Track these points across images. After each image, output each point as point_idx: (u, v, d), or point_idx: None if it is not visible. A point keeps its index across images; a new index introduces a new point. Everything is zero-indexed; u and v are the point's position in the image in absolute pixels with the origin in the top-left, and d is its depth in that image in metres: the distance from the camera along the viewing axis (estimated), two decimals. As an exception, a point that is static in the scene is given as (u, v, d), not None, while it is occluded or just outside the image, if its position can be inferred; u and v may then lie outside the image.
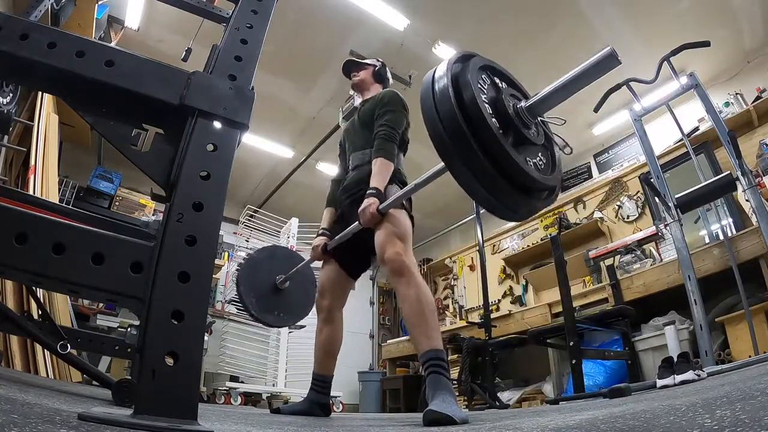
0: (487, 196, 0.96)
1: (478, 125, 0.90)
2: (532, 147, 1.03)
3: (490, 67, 1.08)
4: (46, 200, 2.18)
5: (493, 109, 0.97)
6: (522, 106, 1.01)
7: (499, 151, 0.90)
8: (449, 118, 0.91)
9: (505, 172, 0.91)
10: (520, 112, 1.00)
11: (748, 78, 4.23)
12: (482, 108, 0.91)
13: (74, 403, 0.90)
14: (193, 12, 1.46)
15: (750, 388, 0.82)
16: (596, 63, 0.91)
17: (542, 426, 0.81)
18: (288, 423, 1.35)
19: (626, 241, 3.65)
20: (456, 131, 0.91)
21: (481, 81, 1.01)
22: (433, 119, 0.95)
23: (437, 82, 0.98)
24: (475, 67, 1.01)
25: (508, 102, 0.99)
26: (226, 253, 5.50)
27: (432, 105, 0.96)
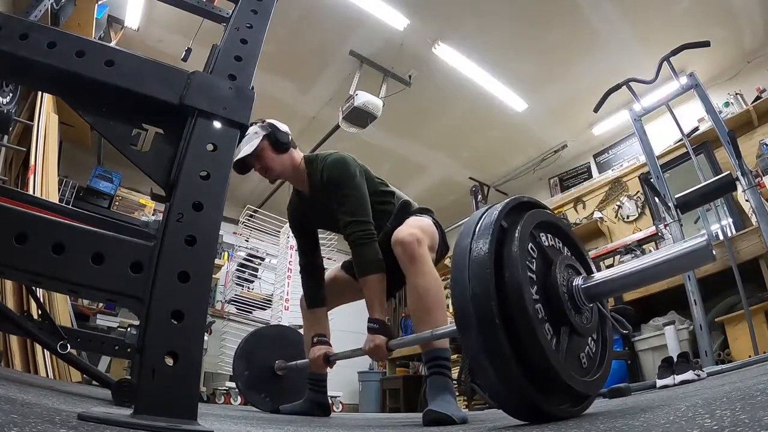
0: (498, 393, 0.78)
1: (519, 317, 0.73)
2: (580, 338, 0.84)
3: (548, 225, 0.88)
4: (46, 200, 2.18)
5: (540, 285, 0.79)
6: (579, 286, 0.82)
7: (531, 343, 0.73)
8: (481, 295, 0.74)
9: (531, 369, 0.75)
10: (575, 292, 0.81)
11: (748, 78, 4.23)
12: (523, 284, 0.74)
13: (74, 403, 0.90)
14: (193, 12, 1.46)
15: (750, 388, 0.82)
16: (688, 253, 0.75)
17: (542, 426, 0.81)
18: (288, 423, 1.35)
19: (626, 241, 3.66)
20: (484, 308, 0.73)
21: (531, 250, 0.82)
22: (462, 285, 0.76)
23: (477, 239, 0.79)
24: (527, 228, 0.82)
25: (561, 277, 0.80)
26: (226, 253, 5.50)
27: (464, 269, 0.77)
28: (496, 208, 0.86)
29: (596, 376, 0.87)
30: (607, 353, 0.90)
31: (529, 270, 0.79)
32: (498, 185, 6.31)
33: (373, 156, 5.24)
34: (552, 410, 0.78)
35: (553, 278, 0.80)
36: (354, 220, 1.65)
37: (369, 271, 1.59)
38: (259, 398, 2.20)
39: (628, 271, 0.80)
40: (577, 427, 0.69)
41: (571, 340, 0.82)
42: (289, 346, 2.32)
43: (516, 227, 0.81)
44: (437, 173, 6.08)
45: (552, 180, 5.98)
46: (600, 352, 0.89)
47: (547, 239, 0.89)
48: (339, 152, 1.85)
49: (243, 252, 5.19)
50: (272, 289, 5.00)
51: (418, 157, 5.76)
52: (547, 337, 0.76)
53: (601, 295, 0.84)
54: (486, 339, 0.73)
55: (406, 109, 4.83)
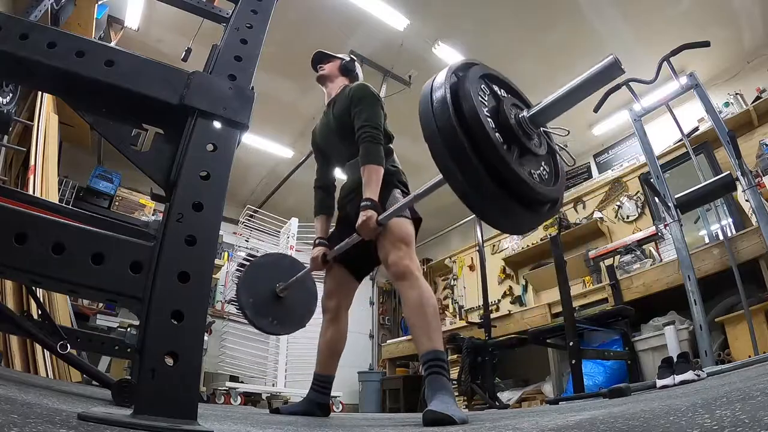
0: (488, 212, 0.94)
1: (478, 137, 0.87)
2: (534, 158, 0.99)
3: (491, 76, 1.04)
4: (45, 200, 2.18)
5: (494, 119, 0.93)
6: (524, 116, 0.97)
7: (500, 165, 0.87)
8: (448, 131, 0.88)
9: (507, 186, 0.88)
10: (522, 122, 0.96)
11: (747, 78, 4.23)
12: (482, 119, 0.88)
13: (74, 403, 0.90)
14: (193, 12, 1.46)
15: (750, 388, 0.82)
16: (599, 72, 0.88)
17: (541, 426, 0.81)
18: (288, 423, 1.35)
19: (626, 241, 3.65)
20: (455, 144, 0.87)
21: (482, 90, 0.98)
22: (432, 131, 0.91)
23: (435, 92, 0.94)
24: (475, 76, 0.97)
25: (509, 112, 0.95)
26: (226, 253, 5.50)
27: (431, 116, 0.91)
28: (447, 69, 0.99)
29: (555, 187, 1.04)
30: (558, 173, 1.08)
31: (482, 103, 0.93)
32: (498, 185, 6.30)
33: (373, 156, 5.23)
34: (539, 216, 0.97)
35: (502, 111, 0.95)
36: (369, 124, 1.86)
37: (373, 161, 1.80)
38: (270, 324, 2.24)
39: (554, 97, 0.97)
40: (577, 427, 0.69)
41: (528, 160, 0.97)
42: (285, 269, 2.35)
43: (467, 76, 0.96)
44: (437, 173, 6.05)
45: (552, 180, 5.97)
46: (553, 171, 1.08)
47: (490, 86, 1.03)
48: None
49: (243, 252, 5.18)
50: (272, 289, 4.99)
51: (418, 157, 5.72)
52: (510, 154, 0.90)
53: (542, 119, 1.01)
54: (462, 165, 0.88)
55: (406, 109, 4.81)
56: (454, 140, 0.87)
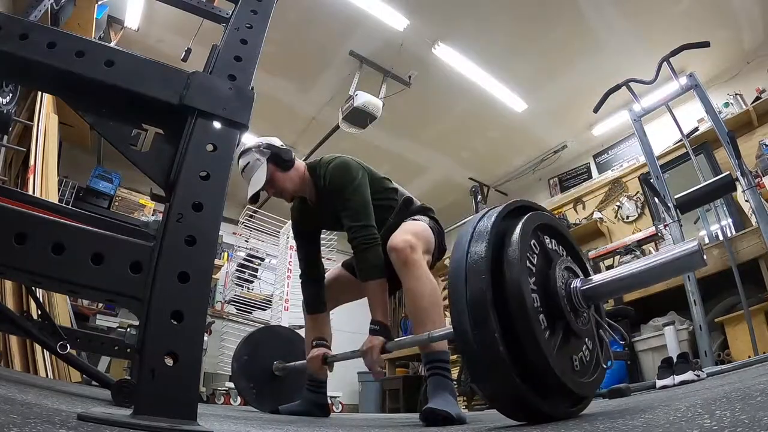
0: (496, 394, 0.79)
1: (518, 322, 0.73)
2: (577, 340, 0.84)
3: (547, 228, 0.88)
4: (45, 200, 2.17)
5: (541, 292, 0.78)
6: (577, 288, 0.82)
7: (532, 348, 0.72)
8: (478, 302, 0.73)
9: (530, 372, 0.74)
10: (573, 294, 0.81)
11: (747, 78, 4.23)
12: (527, 298, 0.73)
13: (74, 404, 0.90)
14: (193, 12, 1.45)
15: (749, 389, 0.82)
16: (681, 257, 0.74)
17: (541, 426, 0.81)
18: (287, 423, 1.34)
19: (626, 242, 3.66)
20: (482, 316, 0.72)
21: (533, 248, 0.82)
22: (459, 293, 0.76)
23: (475, 243, 0.78)
24: (528, 229, 0.81)
25: (560, 279, 0.80)
26: (226, 253, 5.50)
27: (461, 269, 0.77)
28: (495, 210, 0.86)
29: (591, 379, 0.87)
30: (601, 359, 0.90)
31: (529, 271, 0.79)
32: (498, 186, 6.31)
33: (373, 156, 5.24)
34: (548, 410, 0.77)
35: (552, 278, 0.80)
36: (356, 225, 1.67)
37: (371, 276, 1.61)
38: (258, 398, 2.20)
39: (624, 275, 0.81)
40: (576, 427, 0.69)
41: (567, 340, 0.82)
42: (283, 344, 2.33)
43: (515, 228, 0.81)
44: (437, 174, 6.08)
45: (552, 180, 5.98)
46: (594, 357, 0.89)
47: (546, 242, 0.89)
48: (341, 156, 1.85)
49: (243, 252, 5.19)
50: (272, 289, 5.00)
51: (418, 157, 5.76)
52: (543, 332, 0.75)
53: (598, 297, 0.85)
54: (481, 341, 0.73)
55: (406, 110, 4.83)
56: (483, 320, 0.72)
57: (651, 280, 0.80)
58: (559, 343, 0.79)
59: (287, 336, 2.39)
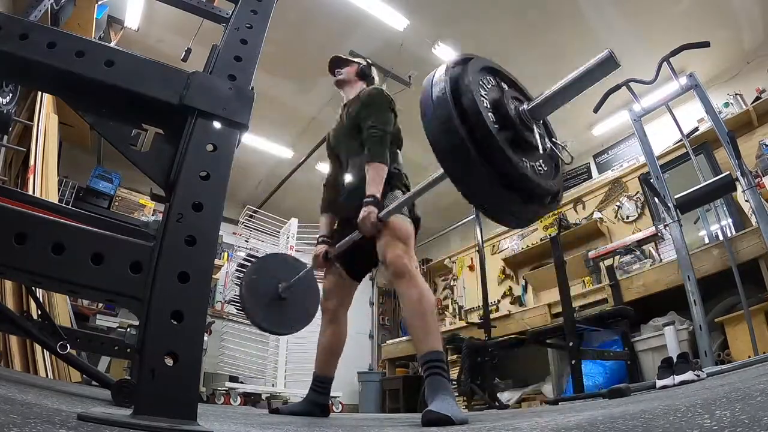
0: (488, 205, 0.95)
1: (479, 130, 0.87)
2: (533, 151, 0.99)
3: (491, 69, 1.05)
4: (45, 200, 2.18)
5: (494, 111, 0.94)
6: (524, 109, 0.98)
7: (500, 157, 0.87)
8: (447, 123, 0.89)
9: (505, 177, 0.89)
10: (522, 114, 0.97)
11: (747, 78, 4.23)
12: (483, 111, 0.88)
13: (74, 404, 0.90)
14: (193, 12, 1.46)
15: (749, 389, 0.82)
16: (595, 66, 0.92)
17: (541, 426, 0.81)
18: (287, 423, 1.35)
19: (626, 242, 3.65)
20: (455, 137, 0.88)
21: (483, 82, 0.98)
22: (432, 124, 0.92)
23: (435, 86, 0.95)
24: (475, 69, 0.98)
25: (509, 104, 0.96)
26: (226, 254, 5.50)
27: (431, 110, 0.93)
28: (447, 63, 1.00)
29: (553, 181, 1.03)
30: (557, 167, 1.08)
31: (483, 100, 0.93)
32: (498, 186, 6.30)
33: (373, 156, 5.24)
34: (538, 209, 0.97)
35: (502, 105, 0.95)
36: (377, 125, 1.92)
37: (377, 159, 1.85)
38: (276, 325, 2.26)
39: (553, 90, 0.97)
40: (576, 427, 0.69)
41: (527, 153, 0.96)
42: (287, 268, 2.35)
43: (467, 69, 0.96)
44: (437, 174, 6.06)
45: (552, 180, 5.97)
46: (552, 165, 1.07)
47: (491, 79, 1.04)
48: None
49: (243, 252, 5.18)
50: (272, 289, 4.99)
51: (418, 157, 5.73)
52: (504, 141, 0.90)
53: (542, 112, 1.00)
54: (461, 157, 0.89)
55: (406, 110, 4.81)
56: (453, 133, 0.88)
57: (577, 87, 0.95)
58: (514, 146, 0.93)
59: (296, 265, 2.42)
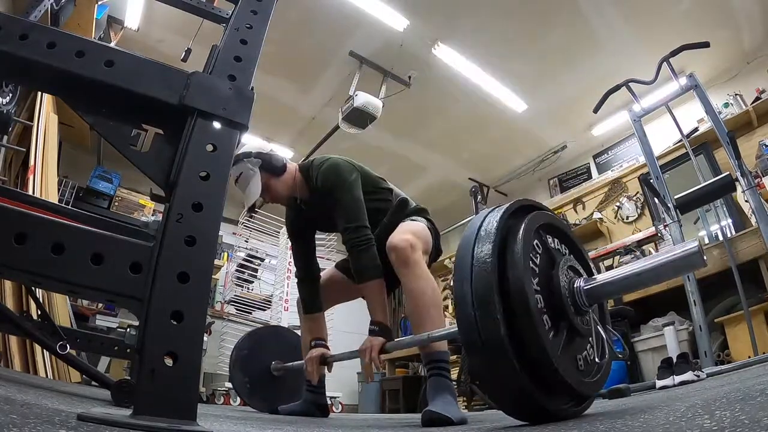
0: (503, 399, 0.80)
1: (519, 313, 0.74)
2: (580, 340, 0.85)
3: (550, 227, 0.89)
4: (45, 200, 2.17)
5: (545, 291, 0.80)
6: (581, 287, 0.83)
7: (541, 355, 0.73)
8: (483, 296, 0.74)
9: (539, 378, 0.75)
10: (577, 293, 0.82)
11: (747, 79, 4.23)
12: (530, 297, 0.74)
13: (73, 404, 0.90)
14: (193, 12, 1.45)
15: (749, 389, 0.82)
16: (681, 258, 0.76)
17: (541, 427, 0.81)
18: (287, 423, 1.34)
19: (625, 242, 3.66)
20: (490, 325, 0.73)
21: (536, 248, 0.83)
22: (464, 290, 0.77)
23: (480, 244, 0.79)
24: (531, 228, 0.82)
25: (563, 278, 0.81)
26: (226, 254, 5.50)
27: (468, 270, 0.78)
28: (500, 209, 0.87)
29: (599, 375, 0.88)
30: (602, 359, 0.90)
31: (532, 271, 0.80)
32: (498, 186, 6.31)
33: (373, 156, 5.24)
34: (552, 408, 0.78)
35: (555, 278, 0.81)
36: (349, 226, 1.67)
37: (368, 277, 1.60)
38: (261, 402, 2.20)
39: (626, 274, 0.82)
40: (576, 427, 0.69)
41: (571, 339, 0.82)
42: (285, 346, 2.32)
43: (519, 228, 0.82)
44: (437, 174, 6.08)
45: (552, 181, 5.98)
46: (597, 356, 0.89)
47: (549, 241, 0.90)
48: (332, 158, 1.86)
49: (242, 252, 5.19)
50: (272, 289, 5.00)
51: (418, 157, 5.76)
52: (547, 332, 0.76)
53: (600, 297, 0.85)
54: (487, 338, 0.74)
55: (405, 110, 4.83)
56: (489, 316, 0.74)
57: (652, 279, 0.81)
58: (563, 343, 0.80)
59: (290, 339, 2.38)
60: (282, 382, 2.24)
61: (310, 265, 1.99)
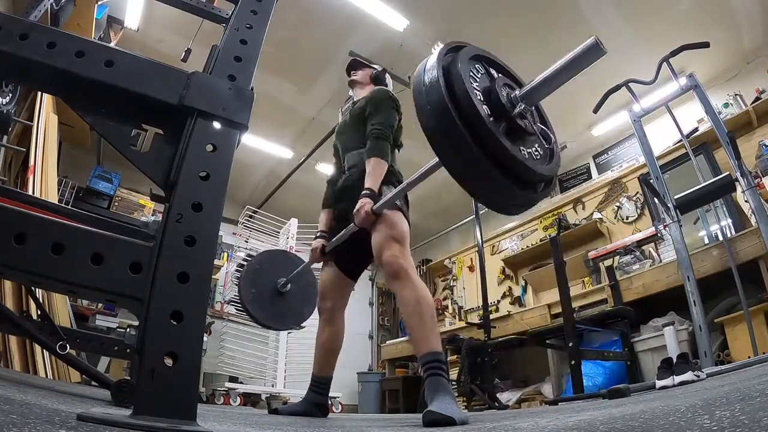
0: (481, 189, 0.96)
1: (470, 115, 0.88)
2: (528, 137, 1.00)
3: (482, 57, 1.06)
4: (45, 200, 2.17)
5: (486, 98, 0.94)
6: (516, 95, 0.99)
7: (491, 141, 0.88)
8: (440, 109, 0.89)
9: (498, 162, 0.89)
10: (514, 100, 0.97)
11: (747, 79, 4.23)
12: (473, 97, 0.89)
13: (73, 404, 0.90)
14: (193, 12, 1.46)
15: (749, 389, 0.82)
16: (582, 52, 0.94)
17: (541, 427, 0.81)
18: (287, 423, 1.34)
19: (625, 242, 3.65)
20: (446, 122, 0.88)
21: (474, 70, 0.99)
22: (424, 111, 0.92)
23: (427, 74, 0.94)
24: (466, 57, 0.98)
25: (501, 91, 0.96)
26: (225, 254, 5.50)
27: (423, 97, 0.92)
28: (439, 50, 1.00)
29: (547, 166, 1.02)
30: (552, 153, 1.07)
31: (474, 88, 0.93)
32: (497, 186, 6.30)
33: (373, 156, 5.23)
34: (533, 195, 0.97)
35: (494, 91, 0.95)
36: (381, 123, 1.97)
37: (379, 155, 1.89)
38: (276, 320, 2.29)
39: (543, 77, 0.99)
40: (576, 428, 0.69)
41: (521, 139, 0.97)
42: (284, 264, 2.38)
43: (458, 57, 0.96)
44: (437, 174, 6.03)
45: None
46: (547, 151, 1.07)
47: (482, 67, 1.05)
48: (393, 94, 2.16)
49: (242, 252, 5.18)
50: (272, 289, 4.99)
51: (418, 157, 5.74)
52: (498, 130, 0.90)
53: (533, 98, 1.01)
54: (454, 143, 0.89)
55: (405, 110, 4.80)
56: (446, 120, 0.88)
57: (566, 73, 0.99)
58: (510, 134, 0.94)
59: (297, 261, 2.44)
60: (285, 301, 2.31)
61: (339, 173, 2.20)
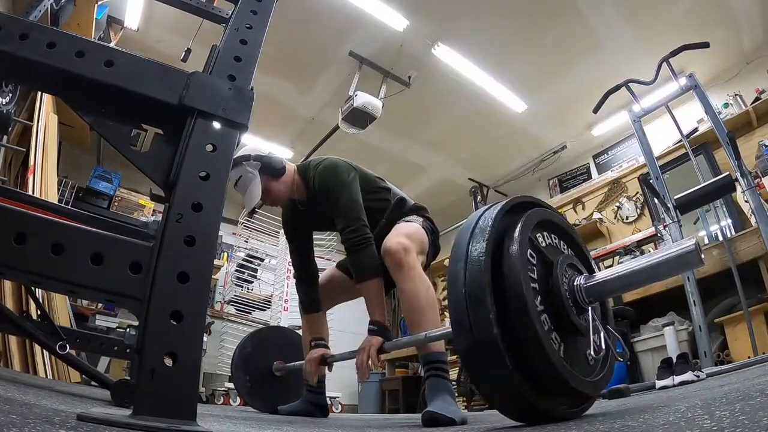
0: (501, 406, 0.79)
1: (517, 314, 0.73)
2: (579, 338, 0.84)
3: (550, 224, 0.88)
4: (45, 200, 2.17)
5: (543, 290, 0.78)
6: (581, 285, 0.82)
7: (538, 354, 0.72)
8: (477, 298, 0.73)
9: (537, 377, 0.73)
10: (577, 291, 0.81)
11: (747, 79, 4.23)
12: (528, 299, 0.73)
13: (73, 404, 0.90)
14: (193, 12, 1.45)
15: (749, 389, 0.82)
16: (676, 257, 0.75)
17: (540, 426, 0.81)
18: (287, 423, 1.34)
19: (625, 242, 3.66)
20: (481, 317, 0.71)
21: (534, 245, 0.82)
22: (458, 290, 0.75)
23: (475, 241, 0.78)
24: (528, 227, 0.80)
25: (562, 276, 0.80)
26: (225, 254, 5.49)
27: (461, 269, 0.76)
28: (497, 206, 0.86)
29: (601, 375, 0.87)
30: (607, 357, 0.89)
31: (530, 269, 0.79)
32: (497, 186, 6.31)
33: (373, 157, 5.24)
34: (550, 411, 0.77)
35: (554, 276, 0.80)
36: (348, 227, 1.67)
37: (366, 276, 1.61)
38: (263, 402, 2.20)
39: (626, 272, 0.81)
40: (576, 428, 0.69)
41: (571, 339, 0.82)
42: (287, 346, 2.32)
43: (516, 225, 0.81)
44: (436, 174, 6.08)
45: (551, 181, 5.98)
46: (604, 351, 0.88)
47: (548, 238, 0.89)
48: (330, 158, 1.87)
49: (242, 252, 5.19)
50: (271, 289, 5.00)
51: (418, 157, 5.76)
52: (545, 330, 0.75)
53: (602, 294, 0.84)
54: (481, 338, 0.73)
55: (405, 110, 4.83)
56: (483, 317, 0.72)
57: (651, 277, 0.81)
58: (563, 342, 0.79)
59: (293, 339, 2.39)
60: (283, 383, 2.24)
61: (307, 265, 1.99)
